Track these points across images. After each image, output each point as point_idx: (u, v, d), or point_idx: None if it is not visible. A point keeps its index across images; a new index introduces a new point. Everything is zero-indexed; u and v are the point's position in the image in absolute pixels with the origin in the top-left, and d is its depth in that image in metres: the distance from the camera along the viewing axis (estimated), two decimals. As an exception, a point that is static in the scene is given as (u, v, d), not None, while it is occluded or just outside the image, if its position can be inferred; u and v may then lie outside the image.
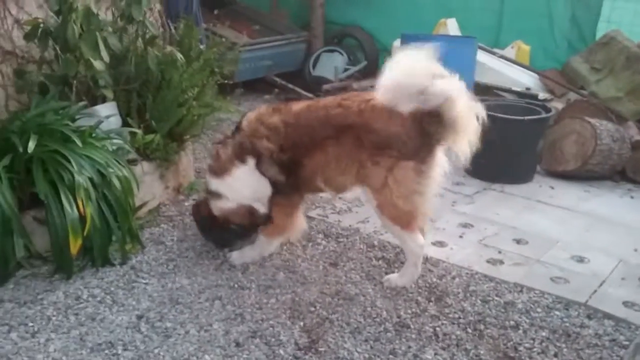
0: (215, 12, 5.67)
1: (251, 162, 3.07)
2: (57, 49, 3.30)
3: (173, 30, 4.15)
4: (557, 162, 4.65)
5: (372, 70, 7.38)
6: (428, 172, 2.86)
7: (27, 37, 3.30)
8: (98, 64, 3.23)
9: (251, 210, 3.15)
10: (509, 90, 5.57)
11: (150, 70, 3.70)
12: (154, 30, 3.71)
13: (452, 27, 6.07)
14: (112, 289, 2.94)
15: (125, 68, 3.71)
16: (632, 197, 4.34)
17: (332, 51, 7.33)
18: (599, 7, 5.83)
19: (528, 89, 5.57)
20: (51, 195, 2.86)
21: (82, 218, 2.87)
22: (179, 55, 3.65)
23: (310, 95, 6.89)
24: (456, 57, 5.37)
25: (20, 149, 2.89)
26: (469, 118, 2.81)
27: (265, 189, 3.10)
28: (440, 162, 2.94)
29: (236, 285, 3.01)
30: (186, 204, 3.95)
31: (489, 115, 4.40)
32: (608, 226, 3.79)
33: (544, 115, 4.45)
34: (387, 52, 7.03)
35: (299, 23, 7.79)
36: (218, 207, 3.18)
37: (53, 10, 3.19)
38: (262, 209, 3.15)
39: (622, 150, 4.55)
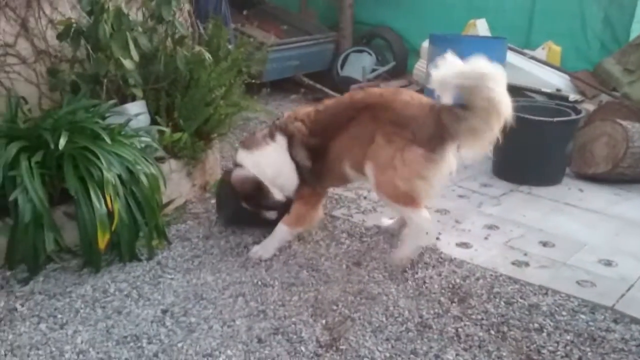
0: (245, 12, 5.73)
1: (282, 141, 3.22)
2: (89, 48, 3.38)
3: (202, 30, 4.20)
4: (586, 165, 4.58)
5: (400, 71, 7.38)
6: (437, 161, 2.95)
7: (60, 36, 3.38)
8: (128, 63, 3.29)
9: (261, 185, 3.26)
10: (539, 92, 5.50)
11: (178, 70, 3.77)
12: (183, 30, 3.77)
13: (481, 27, 6.02)
14: (139, 283, 3.00)
15: (154, 67, 3.78)
16: (664, 201, 4.25)
17: (360, 51, 7.35)
18: (633, 8, 5.71)
19: (559, 90, 5.49)
20: (81, 191, 2.93)
21: (110, 214, 2.93)
22: (207, 55, 3.70)
23: (338, 95, 6.92)
24: (486, 58, 5.37)
25: (52, 146, 2.97)
26: (497, 113, 2.83)
27: (291, 175, 3.23)
28: (450, 160, 3.01)
29: (260, 283, 3.04)
30: (212, 201, 3.99)
31: (517, 117, 4.40)
32: (638, 230, 3.71)
33: (573, 117, 4.38)
34: (416, 52, 7.02)
35: (327, 23, 7.83)
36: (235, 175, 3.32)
37: (85, 11, 3.26)
38: (277, 195, 3.28)
39: (654, 154, 4.45)
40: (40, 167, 2.96)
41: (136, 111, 3.65)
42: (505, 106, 2.84)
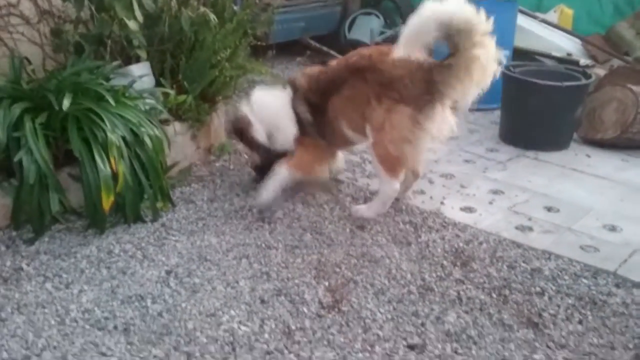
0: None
1: (287, 91, 3.41)
2: (93, 8, 3.34)
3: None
4: (595, 130, 4.53)
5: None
6: (423, 124, 2.97)
7: (64, -4, 3.35)
8: (132, 24, 3.26)
9: (248, 123, 3.49)
10: (549, 56, 5.42)
11: (183, 31, 3.72)
12: (185, -9, 3.71)
13: (492, -11, 5.88)
14: (143, 244, 3.02)
15: (159, 29, 3.74)
16: (672, 168, 4.21)
17: (368, 14, 7.22)
18: (649, -31, 5.59)
19: (569, 54, 5.41)
20: (85, 152, 2.94)
21: (115, 175, 2.94)
22: (212, 16, 3.65)
23: (344, 58, 6.84)
24: (496, 21, 5.27)
25: (56, 107, 2.97)
26: (486, 57, 2.85)
27: (288, 124, 3.38)
28: (443, 120, 3.02)
29: (263, 245, 3.05)
30: (217, 164, 4.00)
31: (526, 81, 4.35)
32: (641, 196, 3.70)
33: (583, 81, 4.31)
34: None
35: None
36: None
37: (87, -30, 3.22)
38: (261, 137, 3.48)
39: (664, 119, 4.39)
40: (45, 128, 2.96)
41: (140, 73, 3.62)
42: (492, 53, 2.88)
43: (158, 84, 3.75)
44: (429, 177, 3.85)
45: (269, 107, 3.48)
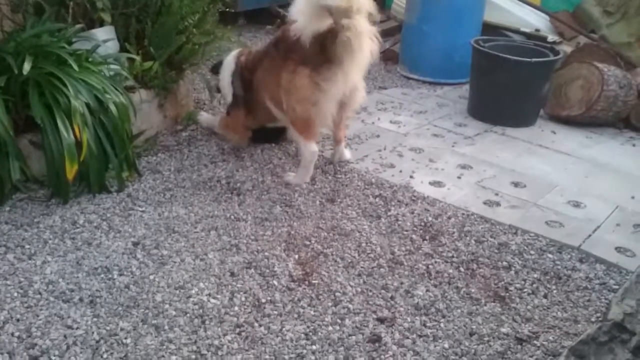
0: None
1: (232, 66, 3.68)
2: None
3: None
4: (561, 107, 4.58)
5: (378, 5, 7.19)
6: (322, 85, 3.10)
7: (22, -47, 3.18)
8: (96, -15, 3.12)
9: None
10: (518, 31, 5.44)
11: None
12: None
13: (462, -38, 5.84)
14: (109, 215, 2.95)
15: (124, -9, 3.60)
16: (633, 145, 4.30)
17: (338, -17, 7.11)
18: (617, -53, 5.60)
19: (537, 30, 5.44)
20: (47, 119, 2.83)
21: (78, 144, 2.85)
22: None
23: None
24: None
25: (16, 71, 2.84)
26: (360, 41, 2.96)
27: (228, 94, 3.75)
28: (345, 84, 3.14)
29: (232, 217, 3.02)
30: (184, 134, 3.92)
31: (495, 56, 4.36)
32: (607, 173, 3.77)
33: (552, 58, 4.35)
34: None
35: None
36: None
37: None
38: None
39: (628, 98, 4.46)
40: (3, 92, 2.83)
41: (104, 37, 3.49)
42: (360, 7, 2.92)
43: (122, 49, 3.63)
44: (398, 151, 3.85)
45: (224, 69, 3.76)
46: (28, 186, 3.06)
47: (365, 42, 3.02)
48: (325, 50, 3.03)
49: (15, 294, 2.36)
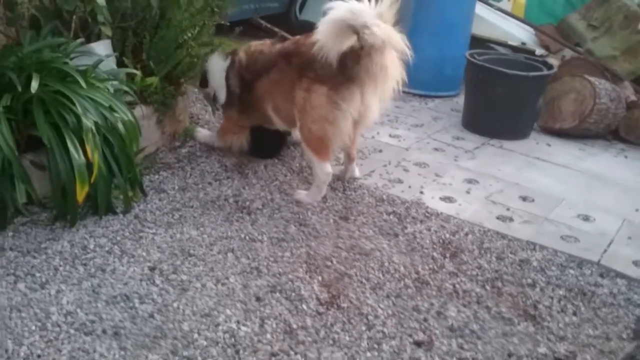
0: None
1: (227, 63, 3.58)
2: (53, -21, 3.04)
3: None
4: (553, 120, 4.65)
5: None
6: (340, 104, 3.03)
7: (20, -36, 3.02)
8: (100, -1, 2.99)
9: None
10: (505, 44, 5.51)
11: (148, 8, 3.48)
12: (153, -37, 3.45)
13: (448, -24, 5.89)
14: (119, 238, 2.82)
15: (121, 4, 3.47)
16: (625, 157, 4.40)
17: (320, -6, 7.07)
18: (600, -38, 5.74)
19: (523, 43, 5.53)
20: (54, 138, 2.68)
21: (89, 164, 2.71)
22: (182, -7, 3.42)
23: (297, 40, 6.68)
24: (455, 8, 5.31)
25: (19, 88, 2.69)
26: (385, 71, 2.94)
27: (221, 92, 3.64)
28: (363, 104, 3.06)
29: (247, 238, 2.92)
30: (183, 150, 3.80)
31: (492, 70, 4.39)
32: (607, 185, 3.83)
33: (547, 72, 4.40)
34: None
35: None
36: None
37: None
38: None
39: (617, 110, 4.57)
40: (7, 111, 2.68)
41: (103, 51, 3.34)
42: (394, 43, 2.89)
43: (119, 63, 3.49)
44: (403, 166, 3.83)
45: (214, 73, 3.68)
46: (30, 209, 2.90)
47: (391, 73, 2.98)
48: (345, 70, 2.96)
49: (33, 327, 2.21)
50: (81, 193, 2.69)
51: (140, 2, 3.49)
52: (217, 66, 3.65)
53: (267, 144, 3.78)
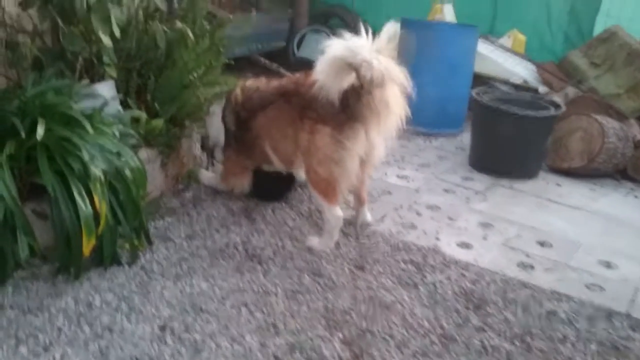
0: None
1: (221, 103, 3.51)
2: (59, 20, 2.92)
3: (176, 3, 3.78)
4: (561, 159, 4.59)
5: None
6: (345, 144, 2.94)
7: (24, 4, 2.91)
8: (106, 40, 2.88)
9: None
10: (507, 82, 5.48)
11: (154, 48, 3.38)
12: (160, 4, 3.36)
13: (448, 13, 5.91)
14: (125, 293, 2.66)
15: (125, 44, 3.37)
16: (636, 197, 4.33)
17: (318, 31, 7.05)
18: (599, 1, 5.78)
19: (525, 81, 5.49)
20: (59, 187, 2.54)
21: (96, 215, 2.56)
22: (190, 33, 3.32)
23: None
24: (458, 47, 5.28)
25: (23, 135, 2.55)
26: (387, 107, 2.85)
27: (219, 134, 3.56)
28: (368, 142, 2.99)
29: (261, 290, 2.77)
30: (187, 194, 3.67)
31: (500, 109, 4.33)
32: (622, 228, 3.74)
33: (557, 111, 4.34)
34: (375, 35, 6.81)
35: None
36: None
37: (59, -23, 2.80)
38: (219, 152, 3.71)
39: (625, 149, 4.52)
40: (9, 159, 2.53)
41: (107, 93, 3.23)
42: (394, 77, 2.80)
43: (123, 104, 3.37)
44: (415, 209, 3.71)
45: (212, 123, 3.64)
46: (30, 261, 2.73)
47: (393, 109, 2.89)
48: (347, 108, 2.89)
49: (39, 398, 2.04)
50: (88, 245, 2.54)
51: (146, 42, 3.39)
52: (213, 115, 3.61)
53: (272, 186, 3.67)
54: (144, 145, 3.38)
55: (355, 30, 7.23)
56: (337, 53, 2.75)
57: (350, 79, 2.81)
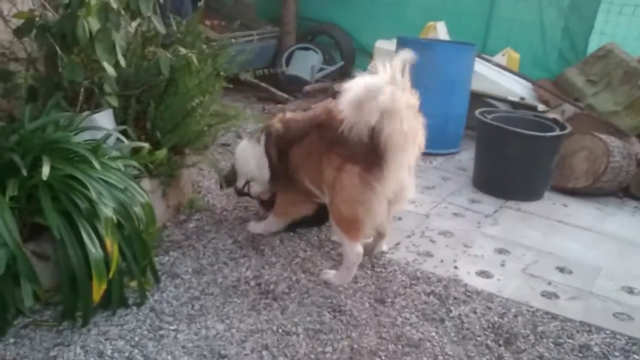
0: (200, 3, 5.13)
1: (262, 138, 3.30)
2: (58, 49, 2.75)
3: (174, 27, 3.62)
4: (566, 179, 4.53)
5: (348, 71, 7.08)
6: (373, 184, 2.81)
7: (19, 32, 2.73)
8: (110, 69, 2.72)
9: (234, 172, 3.53)
10: (505, 100, 5.42)
11: (155, 74, 3.22)
12: (160, 28, 3.20)
13: (441, 30, 5.85)
14: (137, 339, 2.47)
15: (124, 70, 3.20)
16: (642, 216, 4.29)
17: (306, 49, 6.95)
18: (593, 19, 5.78)
19: (522, 98, 5.45)
20: (65, 229, 2.36)
21: (106, 257, 2.38)
22: (195, 59, 3.17)
23: (285, 95, 6.51)
24: (455, 66, 5.21)
25: (24, 173, 2.37)
26: (403, 139, 2.73)
27: (263, 168, 3.33)
28: (397, 181, 2.87)
29: (280, 330, 2.61)
30: (190, 225, 3.50)
31: (506, 130, 4.25)
32: (637, 250, 3.68)
33: (565, 131, 4.28)
34: (366, 52, 6.75)
35: (264, 17, 7.34)
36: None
37: (63, 3, 2.62)
38: (255, 187, 3.47)
39: (629, 167, 4.48)
40: (10, 199, 2.34)
41: (106, 122, 3.05)
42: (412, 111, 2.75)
43: (121, 133, 3.19)
44: (428, 236, 3.60)
45: (247, 158, 3.42)
46: (31, 307, 2.53)
47: (410, 139, 2.76)
48: (377, 148, 2.75)
49: None
50: (98, 291, 2.35)
51: (145, 68, 3.23)
52: (247, 151, 3.42)
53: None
54: (143, 175, 3.20)
55: (342, 49, 7.17)
56: (357, 94, 2.67)
57: (376, 115, 2.70)
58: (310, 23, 7.26)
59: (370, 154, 2.77)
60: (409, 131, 2.74)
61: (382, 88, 2.64)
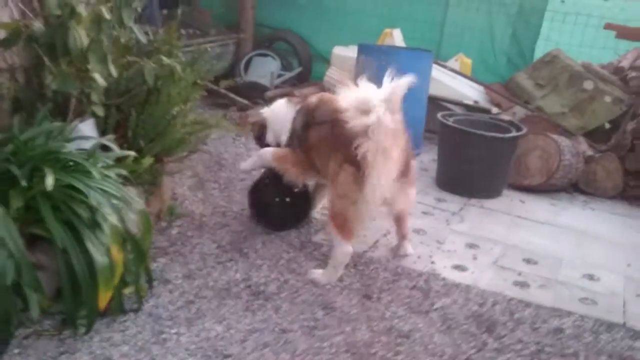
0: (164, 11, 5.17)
1: (296, 106, 3.49)
2: (45, 59, 2.76)
3: (151, 36, 3.66)
4: (522, 177, 4.82)
5: (305, 77, 7.22)
6: (362, 187, 2.93)
7: (6, 42, 2.73)
8: (101, 80, 2.75)
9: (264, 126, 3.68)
10: (460, 103, 5.69)
11: (138, 83, 3.26)
12: (142, 37, 3.25)
13: (397, 37, 6.07)
14: (141, 344, 2.52)
15: (106, 80, 3.22)
16: (592, 210, 4.62)
17: (264, 55, 7.04)
18: (539, 27, 6.15)
19: (476, 102, 5.73)
20: (69, 239, 2.39)
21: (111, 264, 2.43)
22: (179, 68, 3.23)
23: (245, 102, 6.58)
24: (414, 70, 5.40)
25: (24, 184, 2.38)
26: (378, 158, 2.87)
27: (284, 128, 3.49)
28: (380, 189, 2.94)
29: (277, 329, 2.72)
30: (173, 232, 3.55)
31: (469, 132, 4.49)
32: (591, 240, 3.99)
33: (521, 132, 4.56)
34: (323, 59, 6.91)
35: (221, 23, 7.40)
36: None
37: (54, 14, 2.64)
38: (271, 137, 3.64)
39: (578, 165, 4.82)
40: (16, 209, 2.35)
41: (89, 131, 3.07)
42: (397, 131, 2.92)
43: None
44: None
45: (277, 117, 3.58)
46: (29, 316, 2.53)
47: (384, 159, 2.88)
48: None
49: None
50: (105, 299, 2.40)
51: (127, 77, 3.27)
52: (282, 107, 3.60)
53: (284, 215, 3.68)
54: (134, 184, 3.24)
55: (300, 55, 7.28)
56: (350, 104, 2.91)
57: (361, 129, 2.85)
58: (267, 30, 7.36)
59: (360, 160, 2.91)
60: (384, 152, 2.87)
61: (375, 107, 2.82)
